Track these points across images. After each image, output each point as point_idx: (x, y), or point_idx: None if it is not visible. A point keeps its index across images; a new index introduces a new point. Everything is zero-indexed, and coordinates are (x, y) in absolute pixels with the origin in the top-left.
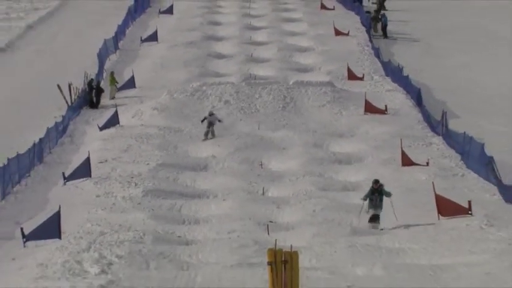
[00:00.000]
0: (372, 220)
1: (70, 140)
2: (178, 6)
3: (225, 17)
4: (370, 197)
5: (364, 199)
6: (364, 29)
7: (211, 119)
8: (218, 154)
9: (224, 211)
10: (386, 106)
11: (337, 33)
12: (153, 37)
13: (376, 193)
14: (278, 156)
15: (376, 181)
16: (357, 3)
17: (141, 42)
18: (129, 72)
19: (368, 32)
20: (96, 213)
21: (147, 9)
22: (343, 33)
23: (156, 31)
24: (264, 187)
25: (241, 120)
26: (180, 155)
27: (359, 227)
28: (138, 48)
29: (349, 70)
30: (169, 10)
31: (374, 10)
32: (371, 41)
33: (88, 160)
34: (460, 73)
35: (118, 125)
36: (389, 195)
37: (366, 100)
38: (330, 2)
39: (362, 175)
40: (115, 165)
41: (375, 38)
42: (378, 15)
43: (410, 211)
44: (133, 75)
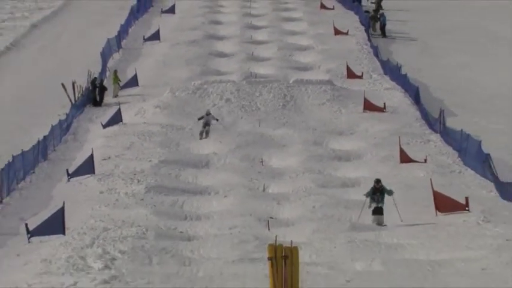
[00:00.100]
0: (376, 212)
1: (74, 138)
2: (180, 5)
3: (226, 17)
4: (371, 196)
5: (366, 196)
6: (363, 28)
7: (207, 119)
8: (219, 151)
9: (225, 207)
10: (385, 104)
11: (336, 32)
12: (156, 36)
13: (377, 192)
14: (278, 153)
15: (377, 180)
16: (356, 2)
17: (144, 41)
18: (132, 70)
19: (367, 31)
20: (99, 209)
21: (150, 8)
22: (342, 32)
23: (159, 30)
24: (265, 184)
25: (242, 118)
26: (182, 152)
27: (358, 223)
28: (141, 47)
29: (348, 69)
30: (171, 10)
31: (373, 10)
32: (370, 40)
33: (91, 157)
34: (458, 72)
35: (121, 123)
36: (391, 193)
37: (365, 98)
38: (330, 2)
39: (361, 172)
40: (118, 162)
41: (374, 37)
42: (377, 14)
43: (408, 207)
44: (136, 73)
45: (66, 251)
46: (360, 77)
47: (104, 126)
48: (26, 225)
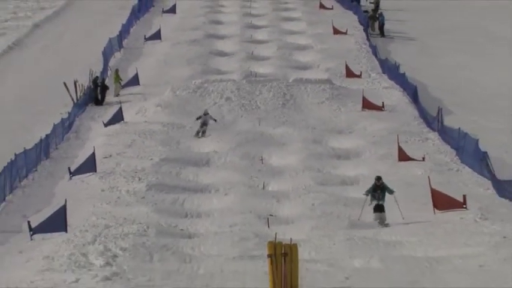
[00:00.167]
0: (377, 210)
1: (76, 136)
2: (181, 5)
3: (227, 16)
4: (372, 194)
5: (366, 194)
6: (361, 28)
7: (205, 119)
8: (220, 149)
9: (226, 205)
10: (383, 103)
11: (335, 32)
12: (157, 36)
13: (378, 190)
14: (278, 151)
15: (378, 178)
16: (355, 2)
17: (145, 40)
18: (133, 69)
19: (365, 31)
20: (101, 207)
21: (151, 8)
22: (341, 32)
23: (160, 30)
24: (265, 182)
25: (242, 116)
26: (183, 151)
27: (357, 221)
28: (142, 46)
29: (347, 68)
30: (172, 9)
31: (371, 9)
32: (368, 40)
33: (93, 155)
34: (456, 71)
35: (122, 121)
36: (392, 192)
37: (364, 97)
38: (329, 2)
39: (360, 170)
40: (119, 160)
41: (372, 37)
42: (375, 14)
43: (406, 205)
44: (137, 72)
45: (68, 248)
46: (359, 76)
47: (106, 124)
48: (29, 222)
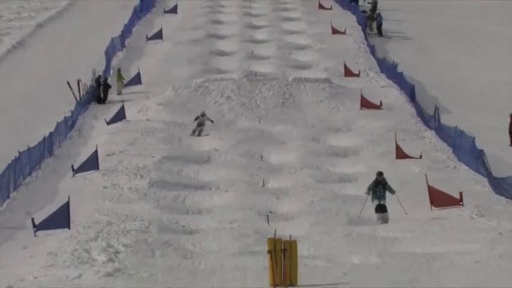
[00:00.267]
0: (379, 210)
1: (79, 134)
2: (182, 5)
3: (227, 16)
4: (373, 189)
5: (367, 193)
6: (360, 28)
7: (202, 120)
8: (220, 147)
9: (226, 202)
10: (381, 102)
11: (334, 31)
12: (158, 35)
13: (380, 185)
14: (278, 149)
15: (379, 173)
16: (353, 3)
17: (147, 40)
18: (135, 69)
19: (364, 31)
20: (103, 204)
21: (152, 8)
22: (340, 31)
23: (161, 29)
24: (264, 179)
25: (242, 115)
26: (184, 148)
27: (355, 217)
28: (144, 46)
29: (345, 67)
30: (173, 9)
31: (369, 9)
32: (367, 39)
33: (96, 153)
34: (453, 70)
35: (124, 120)
36: (393, 192)
37: (362, 96)
38: (327, 2)
39: (358, 168)
40: (122, 158)
41: (371, 36)
42: (374, 14)
43: (404, 202)
44: (139, 71)
45: (71, 244)
46: (357, 75)
47: (108, 123)
48: (32, 219)
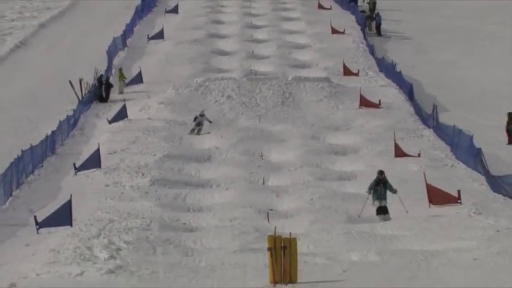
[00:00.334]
0: (380, 212)
1: (81, 133)
2: (183, 5)
3: (228, 16)
4: (374, 188)
5: (368, 192)
6: (359, 28)
7: (201, 119)
8: (221, 146)
9: (227, 200)
10: (380, 100)
11: (333, 31)
12: (160, 35)
13: (381, 184)
14: (278, 147)
15: (381, 172)
16: (352, 3)
17: (148, 39)
18: (137, 68)
19: (363, 31)
20: (105, 201)
21: (154, 8)
22: (339, 31)
23: (162, 29)
24: (264, 177)
25: (242, 113)
26: (185, 147)
27: (354, 215)
28: (145, 45)
29: (344, 66)
30: (174, 9)
31: (368, 9)
32: (365, 39)
33: (98, 151)
34: (451, 70)
35: (126, 118)
36: (394, 191)
37: (361, 95)
38: (327, 2)
39: (357, 166)
40: (123, 156)
41: (369, 36)
42: (372, 14)
43: (402, 200)
44: (140, 71)
45: (73, 242)
46: (356, 75)
47: (110, 121)
48: (35, 216)
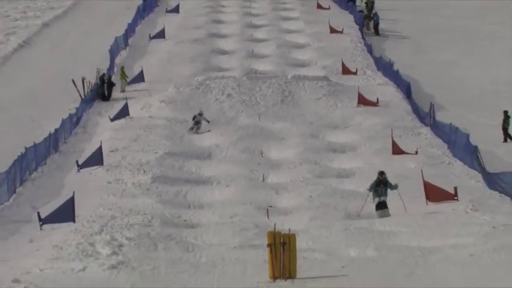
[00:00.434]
0: (380, 207)
1: (83, 131)
2: (184, 5)
3: (228, 16)
4: (375, 189)
5: (369, 190)
6: (357, 27)
7: (199, 119)
8: (221, 143)
9: (227, 196)
10: (378, 99)
11: (332, 31)
12: (161, 34)
13: (381, 184)
14: (277, 145)
15: (381, 173)
16: (351, 3)
17: (150, 39)
18: (138, 67)
19: (361, 30)
20: (107, 198)
21: (155, 8)
22: (337, 31)
23: (164, 29)
24: (264, 174)
25: (242, 112)
26: (186, 144)
27: (353, 212)
28: (147, 44)
29: (343, 65)
30: (175, 9)
31: (366, 9)
32: (364, 38)
33: (100, 149)
34: (448, 69)
35: (128, 117)
36: (395, 187)
37: (359, 93)
38: (326, 2)
39: (355, 163)
40: (125, 153)
41: (368, 36)
42: (370, 14)
43: (397, 196)
44: (142, 70)
45: (76, 238)
46: (355, 73)
47: (112, 119)
48: (38, 213)
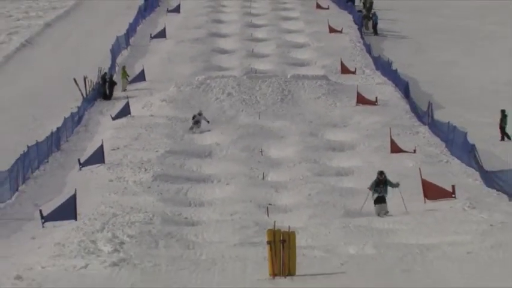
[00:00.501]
0: (378, 201)
1: (85, 129)
2: (184, 5)
3: (228, 16)
4: (375, 189)
5: (370, 188)
6: (356, 27)
7: (198, 118)
8: (222, 142)
9: (227, 194)
10: (376, 98)
11: (331, 30)
12: (162, 34)
13: (381, 184)
14: (277, 144)
15: (381, 172)
16: (350, 3)
17: (151, 38)
18: (140, 66)
19: (360, 30)
20: (109, 196)
21: (156, 8)
22: (336, 30)
23: (165, 28)
24: (264, 172)
25: (242, 111)
26: (187, 143)
27: (352, 210)
28: (148, 44)
29: (342, 65)
30: (176, 9)
31: (365, 9)
32: (362, 38)
33: (102, 147)
34: (446, 68)
35: (129, 115)
36: (397, 186)
37: (358, 92)
38: (325, 2)
39: (354, 162)
40: (126, 152)
41: (366, 35)
42: (369, 14)
43: (398, 195)
44: (143, 69)
45: (78, 235)
46: (353, 73)
47: (113, 118)
48: (41, 211)
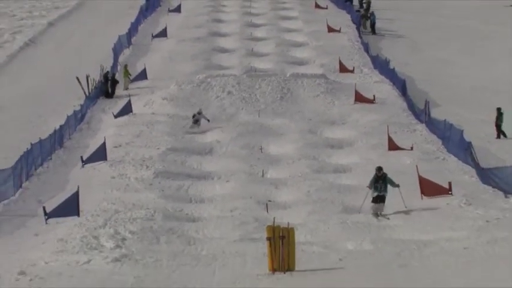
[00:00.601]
0: (376, 200)
1: (87, 127)
2: (185, 5)
3: (228, 15)
4: (374, 185)
5: (369, 186)
6: (354, 26)
7: (198, 117)
8: (222, 139)
9: (227, 191)
10: (374, 96)
11: (329, 30)
12: (163, 33)
13: (380, 180)
14: (276, 141)
15: (379, 168)
16: (348, 2)
17: (152, 38)
18: (141, 65)
19: (358, 29)
20: (111, 193)
21: (158, 8)
22: (335, 30)
23: (166, 28)
24: (264, 169)
25: (242, 109)
26: (188, 140)
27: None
28: (150, 43)
29: (340, 63)
30: (177, 9)
31: (364, 9)
32: (360, 37)
33: (104, 145)
34: (443, 67)
35: (131, 113)
36: (396, 185)
37: (356, 91)
38: (323, 2)
39: (352, 159)
40: (128, 149)
41: (364, 35)
42: (367, 13)
43: (396, 192)
44: (145, 67)
45: (80, 232)
46: (352, 71)
47: (116, 116)
48: (44, 207)
